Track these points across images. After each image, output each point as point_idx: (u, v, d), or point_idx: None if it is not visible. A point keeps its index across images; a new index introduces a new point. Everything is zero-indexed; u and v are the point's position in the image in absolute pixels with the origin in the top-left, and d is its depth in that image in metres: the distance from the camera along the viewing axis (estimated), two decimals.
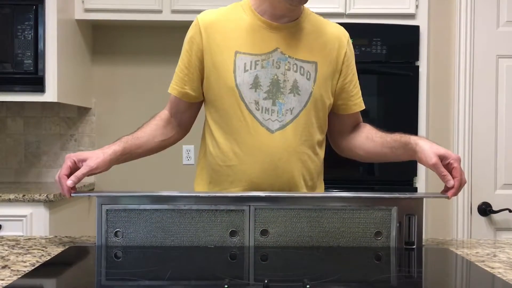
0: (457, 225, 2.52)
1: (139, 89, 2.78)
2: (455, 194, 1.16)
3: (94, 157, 1.21)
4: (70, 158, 1.19)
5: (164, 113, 1.42)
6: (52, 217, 2.17)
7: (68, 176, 1.16)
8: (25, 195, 2.11)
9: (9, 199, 2.11)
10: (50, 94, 2.32)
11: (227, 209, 1.16)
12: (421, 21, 2.34)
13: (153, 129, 1.38)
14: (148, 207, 1.16)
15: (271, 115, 1.30)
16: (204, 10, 1.40)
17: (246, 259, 1.12)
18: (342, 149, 1.46)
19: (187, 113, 1.42)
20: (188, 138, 1.49)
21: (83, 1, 2.48)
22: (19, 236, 1.31)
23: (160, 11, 2.48)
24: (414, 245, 1.18)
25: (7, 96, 2.34)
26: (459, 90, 2.52)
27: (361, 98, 1.43)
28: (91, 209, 2.71)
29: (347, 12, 2.32)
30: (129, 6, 2.47)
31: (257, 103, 1.30)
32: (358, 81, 1.42)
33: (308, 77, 1.32)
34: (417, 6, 2.33)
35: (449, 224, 2.56)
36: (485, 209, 2.48)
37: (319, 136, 1.37)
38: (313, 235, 1.17)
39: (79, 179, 1.17)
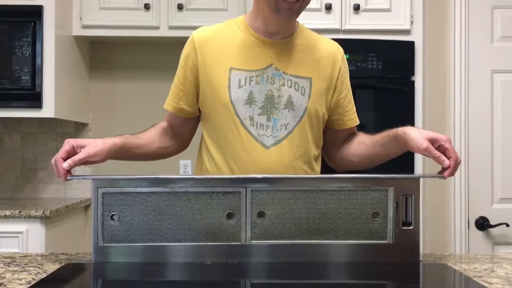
0: (455, 239, 2.52)
1: (136, 105, 2.78)
2: (452, 173, 1.15)
3: (93, 144, 1.21)
4: (69, 143, 1.19)
5: (163, 123, 1.44)
6: (48, 233, 2.16)
7: (65, 160, 1.16)
8: (21, 211, 2.10)
9: (5, 215, 2.10)
10: (48, 110, 2.33)
11: (224, 191, 1.16)
12: (416, 37, 2.36)
13: (152, 134, 1.40)
14: (144, 190, 1.15)
15: (266, 130, 1.31)
16: (201, 26, 1.42)
17: (243, 273, 1.12)
18: (336, 162, 1.46)
19: (184, 128, 1.43)
20: (185, 153, 1.50)
21: (81, 18, 2.50)
22: (15, 253, 1.31)
23: (157, 28, 2.49)
24: (411, 226, 1.17)
25: (4, 112, 2.34)
26: (454, 105, 2.53)
27: (356, 113, 1.44)
28: (87, 225, 2.70)
29: (343, 28, 2.34)
30: (127, 22, 2.49)
31: (251, 118, 1.31)
32: (352, 97, 1.43)
33: (302, 92, 1.33)
34: (412, 22, 2.36)
35: (447, 238, 2.55)
36: (483, 224, 2.48)
37: (314, 151, 1.37)
38: (310, 217, 1.16)
39: (76, 164, 1.16)
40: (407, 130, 1.23)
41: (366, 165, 1.42)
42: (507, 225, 2.43)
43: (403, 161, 1.35)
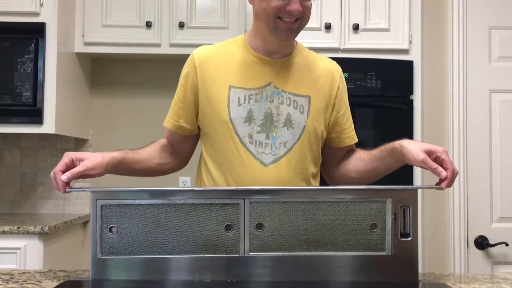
0: (454, 258, 2.51)
1: (136, 121, 2.80)
2: (449, 185, 1.16)
3: (92, 158, 1.22)
4: (68, 155, 1.20)
5: (163, 140, 1.45)
6: (47, 250, 2.15)
7: (64, 173, 1.17)
8: (19, 227, 2.10)
9: (4, 231, 2.09)
10: (48, 126, 2.33)
11: (222, 203, 1.15)
12: (414, 56, 2.39)
13: (152, 150, 1.41)
14: (143, 202, 1.15)
15: (265, 148, 1.32)
16: (201, 44, 1.44)
17: None
18: (335, 179, 1.46)
19: (183, 145, 1.44)
20: (184, 170, 1.50)
21: (83, 35, 2.52)
22: (13, 269, 1.30)
23: (158, 45, 2.52)
24: (409, 237, 1.17)
25: (5, 127, 2.34)
26: (453, 124, 2.55)
27: (354, 131, 1.45)
28: (85, 241, 2.69)
29: (342, 47, 2.37)
30: (129, 40, 2.51)
31: (250, 136, 1.32)
32: (350, 115, 1.45)
33: (301, 110, 1.34)
34: (410, 42, 2.38)
35: (446, 257, 2.54)
36: (482, 243, 2.47)
37: (313, 169, 1.38)
38: (308, 228, 1.16)
39: (74, 176, 1.17)
40: (404, 142, 1.24)
41: (365, 180, 1.43)
42: (507, 245, 2.43)
43: (401, 173, 1.35)
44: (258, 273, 1.14)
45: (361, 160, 1.40)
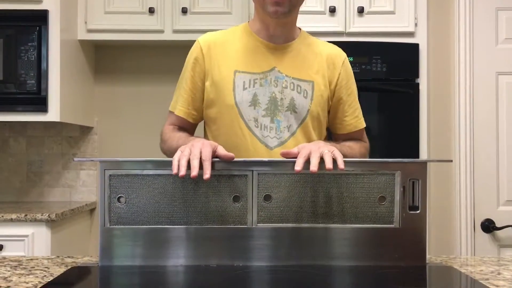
0: (461, 242, 2.51)
1: (141, 108, 2.79)
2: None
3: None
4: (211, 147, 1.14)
5: (175, 127, 1.41)
6: (54, 237, 2.17)
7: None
8: (27, 215, 2.11)
9: (11, 218, 2.11)
10: (53, 114, 2.33)
11: (230, 174, 1.15)
12: (420, 39, 2.36)
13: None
14: (151, 172, 1.14)
15: (270, 132, 1.33)
16: (205, 29, 1.44)
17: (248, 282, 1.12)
18: None
19: (190, 132, 1.44)
20: None
21: (86, 22, 2.51)
22: (21, 256, 1.31)
23: (162, 31, 2.50)
24: (418, 210, 1.16)
25: (10, 116, 2.35)
26: (459, 107, 2.53)
27: (359, 118, 1.44)
28: (92, 228, 2.71)
29: (347, 30, 2.34)
30: (132, 26, 2.50)
31: (256, 120, 1.33)
32: (356, 101, 1.44)
33: (305, 95, 1.35)
34: (416, 25, 2.35)
35: (453, 241, 2.55)
36: (488, 226, 2.47)
37: None
38: (316, 200, 1.16)
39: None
40: None
41: None
42: None
43: (408, 148, 1.35)
44: (265, 244, 1.14)
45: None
